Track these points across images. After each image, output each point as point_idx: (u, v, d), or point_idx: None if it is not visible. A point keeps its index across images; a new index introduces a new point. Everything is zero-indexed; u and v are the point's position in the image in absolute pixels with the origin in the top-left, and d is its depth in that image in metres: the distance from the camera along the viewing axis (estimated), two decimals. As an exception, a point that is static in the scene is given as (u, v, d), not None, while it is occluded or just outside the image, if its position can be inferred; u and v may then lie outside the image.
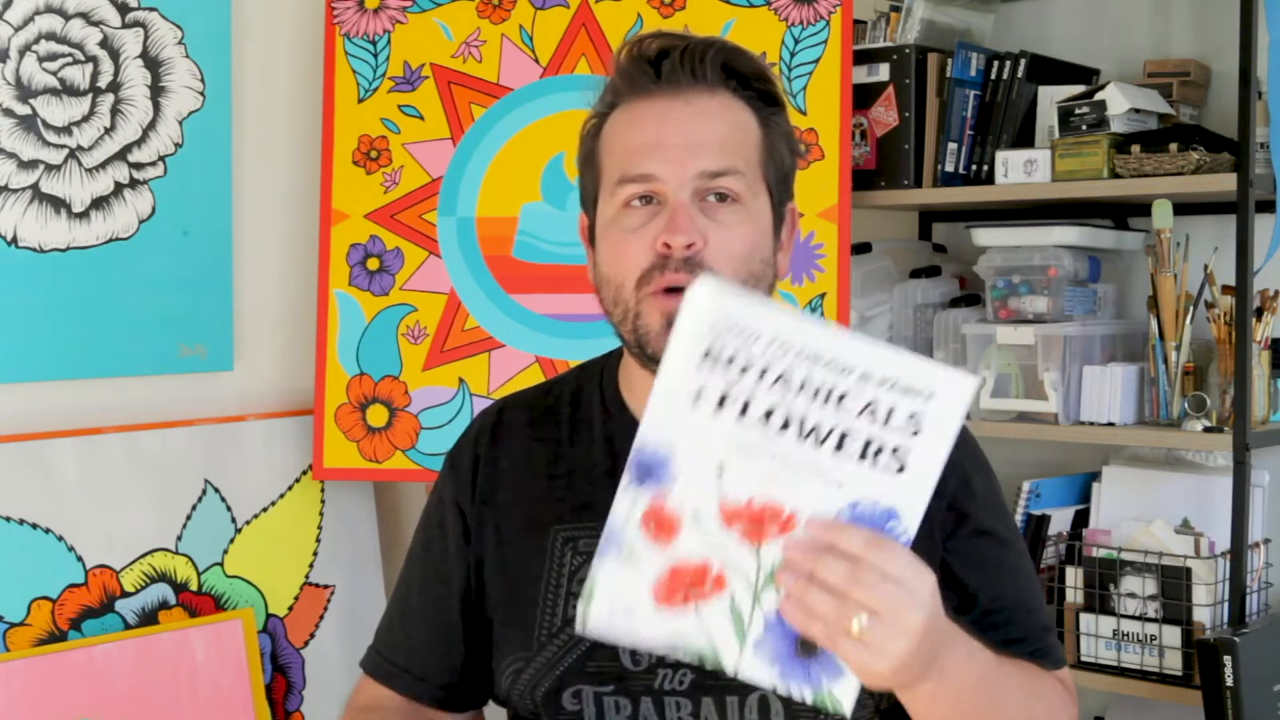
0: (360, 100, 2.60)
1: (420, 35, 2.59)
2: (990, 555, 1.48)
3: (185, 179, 2.46)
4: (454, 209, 2.57)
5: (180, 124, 2.46)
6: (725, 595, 1.17)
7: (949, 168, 2.58)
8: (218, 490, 2.46)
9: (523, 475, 1.53)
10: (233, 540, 2.47)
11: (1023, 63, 2.57)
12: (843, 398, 1.13)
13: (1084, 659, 2.42)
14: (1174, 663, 2.34)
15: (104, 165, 2.37)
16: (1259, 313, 2.36)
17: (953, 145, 2.58)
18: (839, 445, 1.14)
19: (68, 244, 2.33)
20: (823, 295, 2.45)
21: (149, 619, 2.35)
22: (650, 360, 1.42)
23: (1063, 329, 2.48)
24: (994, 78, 2.58)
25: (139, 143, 2.41)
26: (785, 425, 1.14)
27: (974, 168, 2.59)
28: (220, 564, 2.45)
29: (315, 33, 2.64)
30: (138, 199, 2.41)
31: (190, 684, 2.30)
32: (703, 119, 1.41)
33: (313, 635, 2.56)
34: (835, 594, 1.13)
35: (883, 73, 2.60)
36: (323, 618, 2.57)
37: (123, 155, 2.39)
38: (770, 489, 1.15)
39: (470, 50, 2.58)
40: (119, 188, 2.38)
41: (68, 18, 2.31)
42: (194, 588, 2.41)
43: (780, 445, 1.14)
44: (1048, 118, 2.53)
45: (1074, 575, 2.44)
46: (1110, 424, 2.44)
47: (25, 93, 2.27)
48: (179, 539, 2.40)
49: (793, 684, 1.18)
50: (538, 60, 2.56)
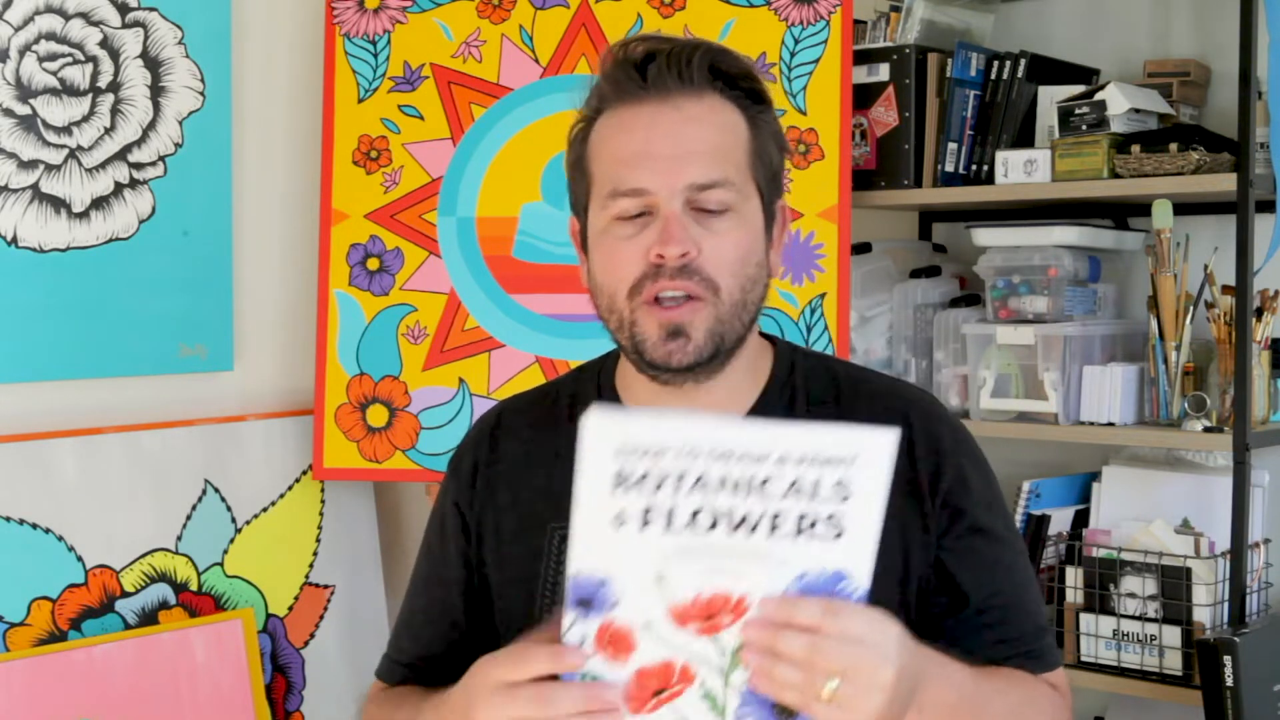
0: (360, 100, 2.60)
1: (420, 35, 2.59)
2: (985, 553, 1.47)
3: (185, 179, 2.46)
4: (454, 209, 2.57)
5: (180, 124, 2.46)
6: (696, 685, 1.18)
7: (949, 168, 2.58)
8: (218, 490, 2.46)
9: (521, 476, 1.53)
10: (233, 540, 2.47)
11: (1023, 63, 2.56)
12: (765, 483, 1.13)
13: (1084, 659, 2.42)
14: (1174, 663, 2.34)
15: (104, 165, 2.37)
16: (1259, 313, 2.36)
17: (953, 145, 2.58)
18: (772, 528, 1.14)
19: (68, 244, 2.33)
20: (823, 295, 2.45)
21: (149, 619, 2.35)
22: (649, 367, 1.42)
23: (1063, 329, 2.47)
24: (994, 78, 2.58)
25: (139, 143, 2.41)
26: (714, 524, 1.14)
27: (974, 168, 2.59)
28: (220, 564, 2.45)
29: (315, 33, 2.64)
30: (138, 199, 2.41)
31: (190, 684, 2.30)
32: (691, 125, 1.41)
33: (313, 635, 2.56)
34: (800, 665, 1.14)
35: (883, 73, 2.60)
36: (323, 618, 2.57)
37: (123, 155, 2.39)
38: (714, 581, 1.15)
39: (470, 50, 2.58)
40: (119, 188, 2.38)
41: (68, 18, 2.31)
42: (194, 588, 2.42)
43: (714, 541, 1.14)
44: (1048, 118, 2.53)
45: (1074, 575, 2.44)
46: (1110, 424, 2.44)
47: (25, 93, 2.27)
48: (179, 539, 2.40)
49: None
50: (538, 60, 2.56)
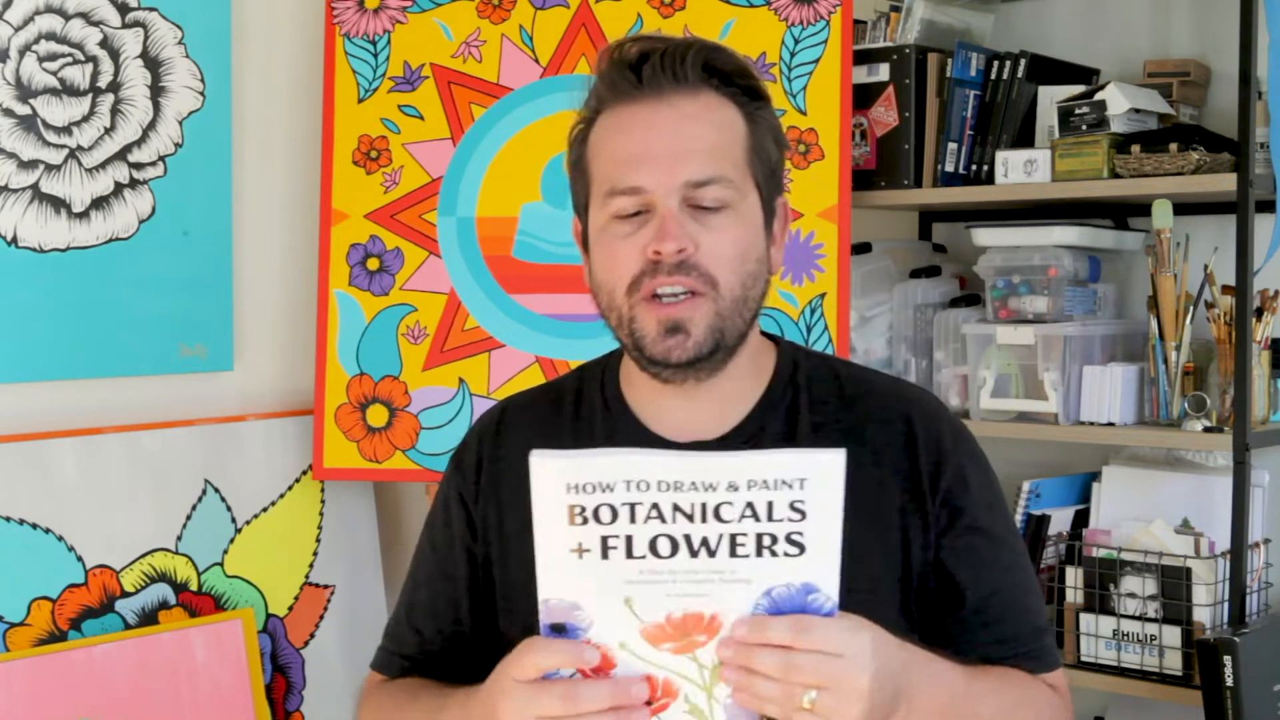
0: (360, 100, 2.60)
1: (420, 35, 2.59)
2: (982, 553, 1.47)
3: (185, 179, 2.46)
4: (454, 209, 2.57)
5: (180, 124, 2.46)
6: (680, 699, 1.19)
7: (949, 168, 2.58)
8: (218, 490, 2.46)
9: (525, 472, 1.53)
10: (233, 540, 2.47)
11: (1023, 63, 2.56)
12: (719, 509, 1.14)
13: (1084, 659, 2.42)
14: (1174, 663, 2.34)
15: (104, 165, 2.36)
16: (1259, 313, 2.36)
17: (953, 145, 2.58)
18: (733, 550, 1.15)
19: (68, 244, 2.33)
20: (823, 295, 2.45)
21: (149, 619, 2.35)
22: (650, 363, 1.42)
23: (1063, 329, 2.47)
24: (994, 78, 2.58)
25: (139, 143, 2.41)
26: (675, 549, 1.15)
27: (974, 168, 2.59)
28: (220, 564, 2.45)
29: (315, 33, 2.64)
30: (138, 199, 2.41)
31: (190, 684, 2.30)
32: (687, 123, 1.41)
33: (313, 635, 2.56)
34: (777, 681, 1.16)
35: (883, 73, 2.60)
36: (323, 618, 2.57)
37: (123, 155, 2.39)
38: (684, 603, 1.16)
39: (470, 50, 2.58)
40: (119, 188, 2.38)
41: (68, 18, 2.31)
42: (194, 588, 2.41)
43: (676, 566, 1.16)
44: (1048, 118, 2.53)
45: (1074, 575, 2.44)
46: (1110, 424, 2.44)
47: (25, 93, 2.27)
48: (179, 539, 2.40)
49: None
50: (538, 60, 2.56)
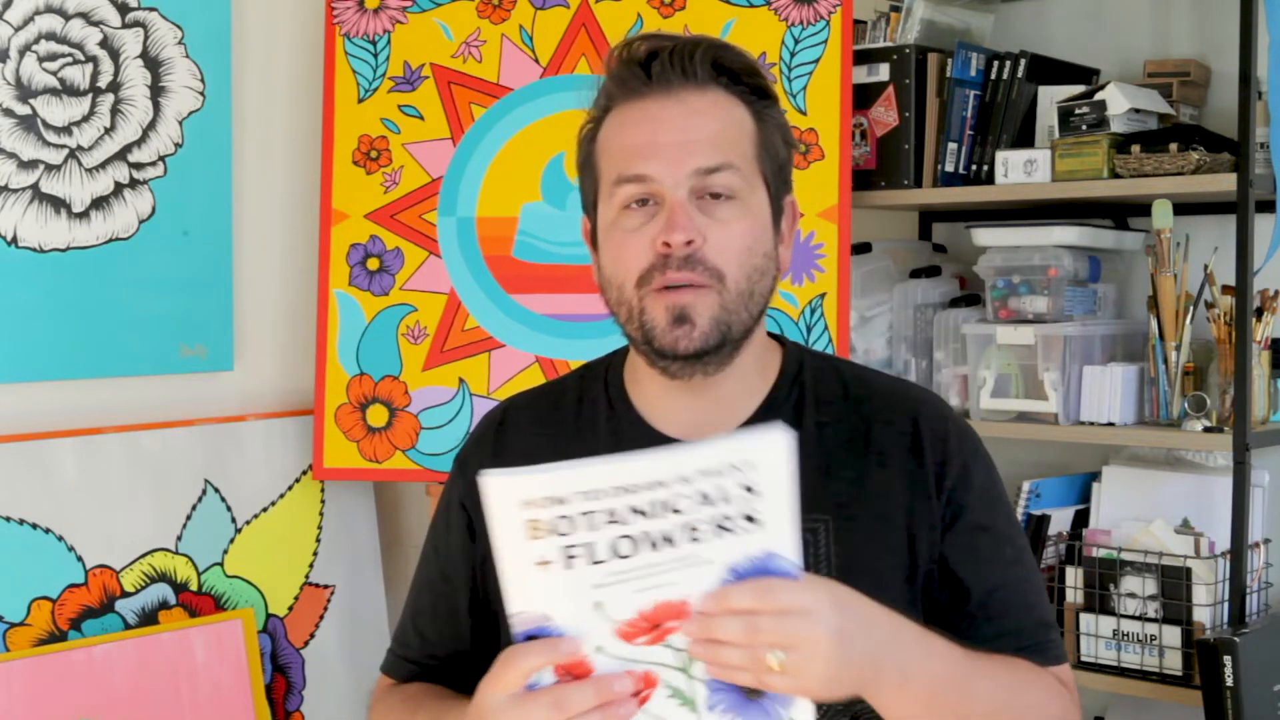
0: (360, 100, 2.60)
1: (420, 35, 2.59)
2: (985, 549, 1.47)
3: (185, 179, 2.46)
4: (454, 209, 2.57)
5: (180, 124, 2.46)
6: (661, 686, 1.21)
7: (949, 168, 2.58)
8: (218, 490, 2.46)
9: None
10: (233, 540, 2.47)
11: (1023, 63, 2.56)
12: (674, 502, 1.16)
13: (1084, 659, 2.42)
14: (1174, 663, 2.34)
15: (104, 165, 2.36)
16: (1259, 313, 2.36)
17: (953, 145, 2.58)
18: (693, 537, 1.17)
19: (68, 244, 2.33)
20: (823, 295, 2.45)
21: (149, 619, 2.35)
22: (659, 355, 1.43)
23: (1063, 329, 2.47)
24: (994, 78, 2.58)
25: (139, 143, 2.41)
26: (636, 547, 1.17)
27: (974, 168, 2.59)
28: (220, 564, 2.45)
29: (315, 33, 2.64)
30: (138, 199, 2.41)
31: (190, 684, 2.30)
32: (696, 116, 1.42)
33: (313, 635, 2.56)
34: (742, 646, 1.17)
35: (883, 73, 2.60)
36: (323, 618, 2.57)
37: (123, 155, 2.39)
38: (652, 595, 1.18)
39: (470, 50, 2.58)
40: (119, 188, 2.38)
41: (68, 18, 2.31)
42: (194, 588, 2.41)
43: (640, 562, 1.17)
44: (1048, 118, 2.53)
45: (1074, 575, 2.44)
46: (1110, 424, 2.44)
47: (25, 93, 2.27)
48: (179, 539, 2.40)
49: None
50: (538, 60, 2.56)
